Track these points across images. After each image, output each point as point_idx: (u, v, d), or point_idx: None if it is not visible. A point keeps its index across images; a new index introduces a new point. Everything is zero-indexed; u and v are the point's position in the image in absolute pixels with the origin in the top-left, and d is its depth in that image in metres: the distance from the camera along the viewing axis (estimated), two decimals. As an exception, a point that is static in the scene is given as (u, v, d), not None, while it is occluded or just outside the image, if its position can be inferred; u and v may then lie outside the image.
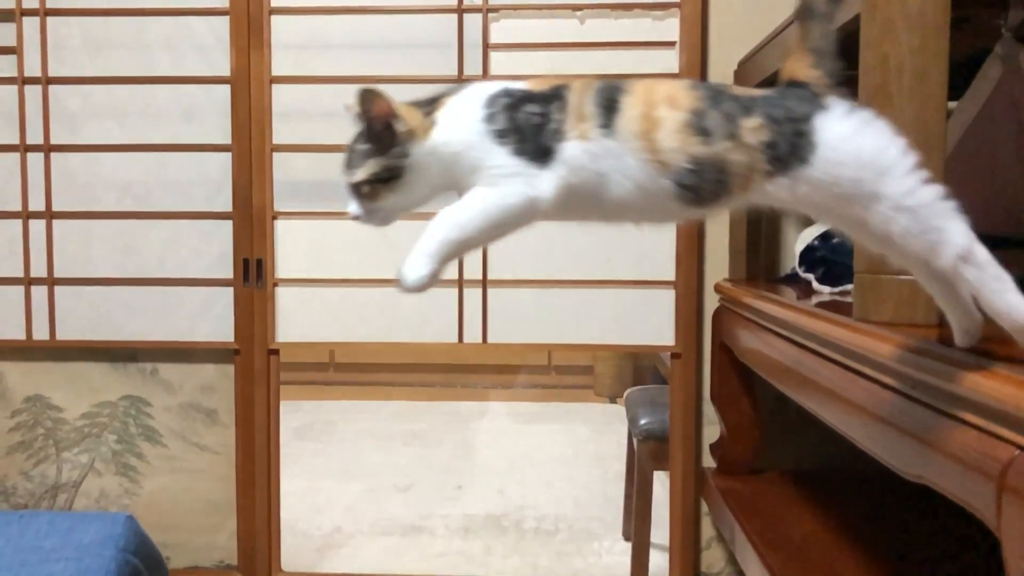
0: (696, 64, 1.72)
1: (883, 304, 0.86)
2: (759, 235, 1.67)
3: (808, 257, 1.43)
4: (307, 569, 2.05)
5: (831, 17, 0.98)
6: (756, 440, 1.66)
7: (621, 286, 1.79)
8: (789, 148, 0.91)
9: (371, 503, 2.70)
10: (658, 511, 2.01)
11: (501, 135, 0.94)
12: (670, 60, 1.74)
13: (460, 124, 0.97)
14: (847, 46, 1.08)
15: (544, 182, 0.93)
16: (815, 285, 1.38)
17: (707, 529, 1.81)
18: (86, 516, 1.05)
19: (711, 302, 1.76)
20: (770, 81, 1.49)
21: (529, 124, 0.95)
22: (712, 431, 1.79)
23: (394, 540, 2.38)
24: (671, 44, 1.74)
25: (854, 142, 0.89)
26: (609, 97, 0.95)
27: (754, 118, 0.93)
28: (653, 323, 1.78)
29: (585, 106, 0.95)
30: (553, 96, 0.96)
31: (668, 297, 1.78)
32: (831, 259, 1.37)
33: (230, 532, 1.88)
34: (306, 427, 3.70)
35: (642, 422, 2.01)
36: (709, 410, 1.78)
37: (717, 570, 1.81)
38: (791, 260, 1.75)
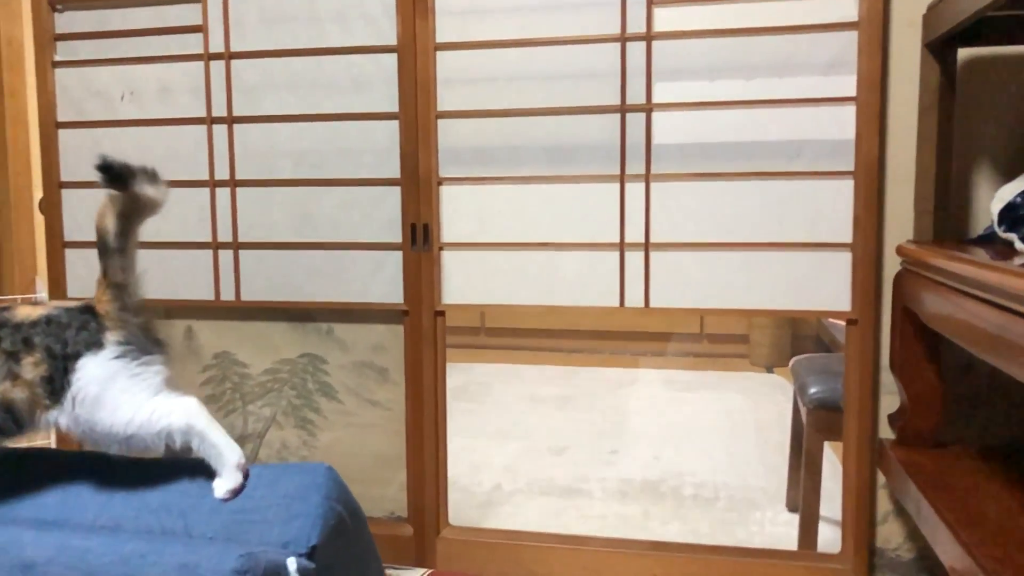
0: (878, 10, 1.61)
1: (1118, 263, 0.78)
2: (948, 193, 1.56)
3: (1009, 216, 1.32)
4: (472, 524, 2.11)
5: (126, 252, 1.16)
6: (940, 411, 1.56)
7: (792, 249, 1.71)
8: (61, 384, 1.10)
9: (528, 463, 2.74)
10: (824, 482, 1.95)
11: None
12: (849, 8, 1.64)
13: None
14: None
15: None
16: (1018, 246, 1.27)
17: (882, 503, 1.73)
18: (289, 467, 1.12)
19: (889, 266, 1.66)
20: (963, 27, 1.37)
21: None
22: (888, 401, 1.70)
23: (553, 500, 2.41)
24: (851, -9, 1.64)
25: (93, 386, 1.09)
26: None
27: (35, 353, 1.10)
28: (827, 287, 1.70)
29: None
30: None
31: (844, 260, 1.69)
32: (1037, 217, 1.26)
33: (400, 484, 1.96)
34: (461, 388, 3.80)
35: (812, 391, 1.93)
36: (886, 379, 1.69)
37: (894, 545, 1.73)
38: (983, 220, 1.63)
